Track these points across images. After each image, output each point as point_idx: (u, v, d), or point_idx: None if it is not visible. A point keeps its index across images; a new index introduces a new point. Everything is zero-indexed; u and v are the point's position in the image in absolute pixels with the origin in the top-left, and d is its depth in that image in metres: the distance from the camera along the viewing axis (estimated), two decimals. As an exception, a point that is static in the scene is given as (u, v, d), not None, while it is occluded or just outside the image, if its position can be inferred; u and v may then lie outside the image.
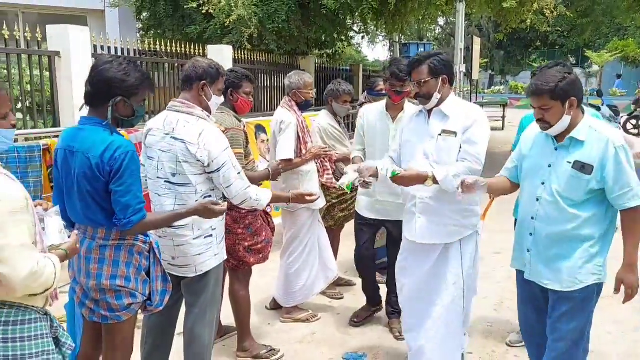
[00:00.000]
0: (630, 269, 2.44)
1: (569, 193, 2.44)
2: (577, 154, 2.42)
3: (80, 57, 5.52)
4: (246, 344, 3.46)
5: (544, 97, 2.39)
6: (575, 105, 2.40)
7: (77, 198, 2.24)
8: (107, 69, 2.20)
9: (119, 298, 2.31)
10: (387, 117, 3.64)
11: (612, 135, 2.40)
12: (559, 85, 2.36)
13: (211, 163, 2.60)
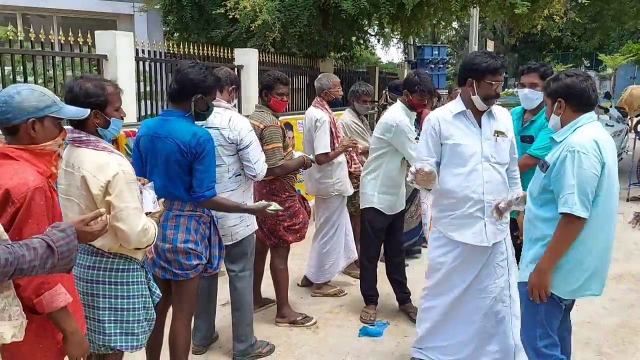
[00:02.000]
0: (536, 272, 2.46)
1: (532, 188, 2.61)
2: (549, 155, 2.55)
3: (125, 60, 6.04)
4: (284, 311, 3.95)
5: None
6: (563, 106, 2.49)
7: (161, 175, 2.74)
8: (190, 72, 2.72)
9: (189, 259, 2.80)
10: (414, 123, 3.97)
11: (574, 139, 2.42)
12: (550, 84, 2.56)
13: (241, 141, 3.14)
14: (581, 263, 2.45)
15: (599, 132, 2.48)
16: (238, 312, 3.40)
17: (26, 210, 1.76)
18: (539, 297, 2.47)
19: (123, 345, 2.35)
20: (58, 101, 1.95)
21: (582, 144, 2.38)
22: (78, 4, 11.69)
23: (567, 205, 2.35)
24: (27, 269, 1.57)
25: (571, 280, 2.47)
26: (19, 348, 1.76)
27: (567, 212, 2.35)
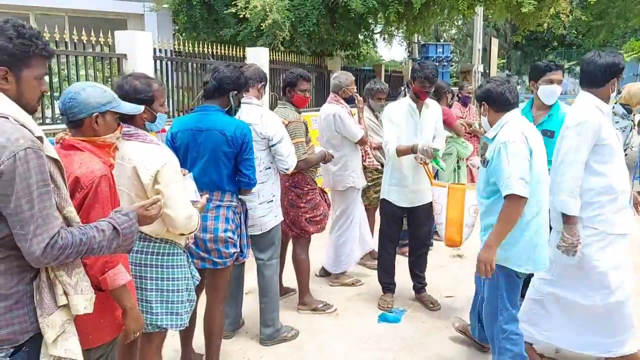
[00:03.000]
0: (485, 249, 2.76)
1: (479, 184, 3.00)
2: (487, 151, 2.93)
3: (144, 59, 6.22)
4: (306, 299, 4.14)
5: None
6: (486, 108, 2.91)
7: (206, 166, 2.92)
8: (226, 71, 2.92)
9: (227, 247, 2.99)
10: (415, 112, 4.04)
11: (503, 134, 2.80)
12: (476, 91, 2.99)
13: (273, 137, 3.34)
14: (532, 239, 2.82)
15: (524, 125, 2.88)
16: (266, 299, 3.59)
17: (93, 196, 1.94)
18: (484, 271, 2.77)
19: (168, 324, 2.54)
20: (117, 98, 2.13)
21: (509, 135, 2.77)
22: (89, 4, 11.87)
23: (508, 187, 2.68)
24: (96, 248, 1.76)
25: (525, 255, 2.83)
26: (85, 322, 1.93)
27: (509, 193, 2.68)
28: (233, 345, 3.62)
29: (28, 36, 1.68)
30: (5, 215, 1.59)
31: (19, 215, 1.58)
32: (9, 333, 1.65)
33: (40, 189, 1.60)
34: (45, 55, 1.75)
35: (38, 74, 1.73)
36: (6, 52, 1.64)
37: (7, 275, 1.64)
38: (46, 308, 1.68)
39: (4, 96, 1.66)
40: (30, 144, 1.59)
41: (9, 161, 1.55)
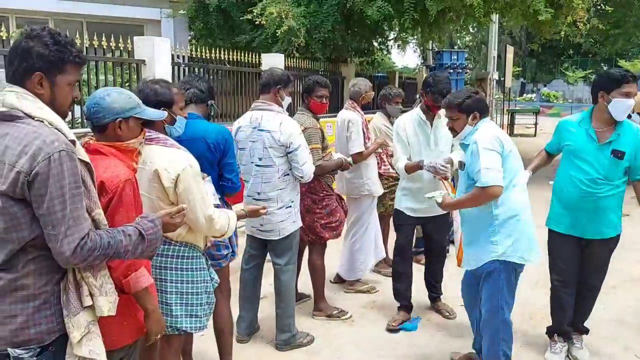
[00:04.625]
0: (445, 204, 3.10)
1: (460, 187, 3.12)
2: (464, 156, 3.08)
3: (162, 65, 6.29)
4: (321, 305, 4.14)
5: (453, 109, 3.03)
6: (478, 117, 3.00)
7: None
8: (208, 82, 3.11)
9: (220, 250, 3.02)
10: (426, 124, 3.88)
11: (476, 135, 2.95)
12: (465, 101, 3.00)
13: (290, 144, 3.35)
14: (523, 231, 2.95)
15: (497, 129, 3.05)
16: (282, 304, 3.60)
17: (118, 200, 1.97)
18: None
19: (188, 326, 2.56)
20: (141, 104, 2.17)
21: (481, 135, 2.93)
22: (107, 10, 12.03)
23: (485, 178, 2.80)
24: (123, 252, 1.79)
25: (521, 246, 2.94)
26: (108, 323, 1.95)
27: (485, 185, 2.80)
28: (249, 349, 3.63)
29: (63, 43, 1.72)
30: (38, 215, 1.62)
31: (51, 215, 1.61)
32: (36, 333, 1.68)
33: (72, 191, 1.64)
34: (79, 62, 1.78)
35: (71, 80, 1.77)
36: (42, 58, 1.68)
37: (36, 276, 1.68)
38: (72, 309, 1.71)
39: (39, 100, 1.69)
40: (64, 147, 1.63)
41: (44, 163, 1.58)
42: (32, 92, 1.69)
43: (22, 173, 1.59)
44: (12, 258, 1.66)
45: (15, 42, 1.72)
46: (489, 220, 2.96)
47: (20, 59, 1.67)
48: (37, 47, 1.67)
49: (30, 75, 1.68)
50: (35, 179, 1.59)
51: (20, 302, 1.67)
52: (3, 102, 1.64)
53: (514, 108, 19.60)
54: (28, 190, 1.60)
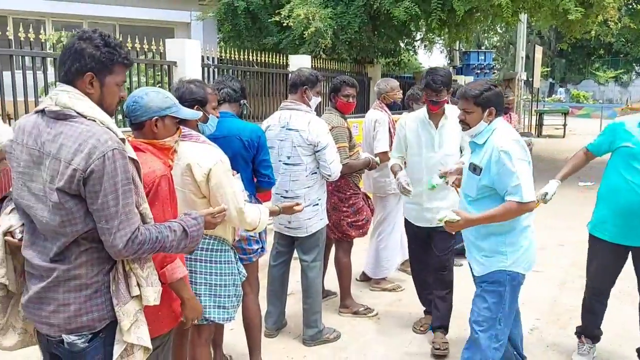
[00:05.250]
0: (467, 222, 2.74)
1: (467, 190, 2.87)
2: (474, 157, 2.80)
3: (192, 66, 6.43)
4: (348, 302, 4.20)
5: (468, 101, 2.75)
6: (493, 114, 2.74)
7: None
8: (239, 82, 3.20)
9: (251, 244, 3.09)
10: (430, 124, 3.59)
11: (499, 141, 2.68)
12: (483, 93, 2.73)
13: (318, 143, 3.42)
14: (532, 241, 2.85)
15: (511, 130, 2.83)
16: (309, 300, 3.67)
17: (154, 195, 2.06)
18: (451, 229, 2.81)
19: (216, 317, 2.65)
20: (177, 103, 2.26)
21: (508, 142, 2.69)
22: (139, 13, 12.30)
23: (519, 195, 2.61)
24: (168, 247, 1.88)
25: (528, 257, 2.83)
26: (145, 313, 2.03)
27: (520, 201, 2.61)
28: (277, 344, 3.71)
29: (113, 45, 1.81)
30: (92, 210, 1.71)
31: (105, 210, 1.70)
32: (88, 320, 1.78)
33: (124, 187, 1.73)
34: (126, 64, 1.87)
35: (119, 81, 1.86)
36: (94, 59, 1.76)
37: (88, 266, 1.77)
38: (122, 298, 1.80)
39: (89, 100, 1.78)
40: (116, 145, 1.72)
41: (99, 161, 1.67)
42: (83, 92, 1.77)
43: (79, 170, 1.67)
44: (65, 250, 1.75)
45: (68, 44, 1.80)
46: (506, 230, 2.77)
47: (73, 59, 1.76)
48: (89, 49, 1.76)
49: (82, 75, 1.76)
50: (91, 176, 1.67)
51: (73, 291, 1.76)
52: (56, 101, 1.73)
53: (542, 109, 19.33)
54: (83, 186, 1.69)
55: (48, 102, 1.75)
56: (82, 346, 1.79)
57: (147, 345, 1.88)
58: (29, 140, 1.75)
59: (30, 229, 1.81)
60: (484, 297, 2.82)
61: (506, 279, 2.78)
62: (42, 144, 1.72)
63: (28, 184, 1.75)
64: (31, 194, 1.75)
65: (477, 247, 2.86)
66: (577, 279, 4.96)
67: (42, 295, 1.79)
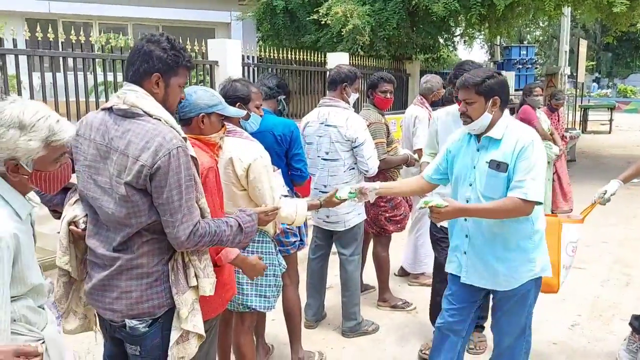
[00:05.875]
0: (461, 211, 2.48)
1: (490, 193, 2.49)
2: (493, 153, 2.49)
3: (233, 65, 6.59)
4: (386, 296, 4.25)
5: (469, 90, 2.48)
6: (497, 104, 2.48)
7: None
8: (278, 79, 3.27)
9: (288, 237, 3.18)
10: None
11: (522, 133, 2.47)
12: (485, 81, 2.46)
13: (356, 139, 3.48)
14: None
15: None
16: (348, 292, 3.75)
17: (203, 186, 2.15)
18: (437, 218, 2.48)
19: (257, 305, 2.76)
20: (224, 102, 2.37)
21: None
22: (181, 14, 12.64)
23: (529, 193, 2.38)
24: (224, 240, 1.99)
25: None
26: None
27: (529, 200, 2.38)
28: (317, 335, 3.80)
29: (178, 49, 1.91)
30: (157, 204, 1.83)
31: (169, 204, 1.81)
32: (149, 307, 1.90)
33: (187, 183, 1.83)
34: (189, 67, 1.98)
35: (181, 82, 1.97)
36: (161, 61, 1.87)
37: (150, 256, 1.89)
38: (181, 287, 1.91)
39: (154, 99, 1.89)
40: (180, 144, 1.83)
41: (165, 157, 1.78)
42: (149, 92, 1.88)
43: (146, 166, 1.78)
44: (128, 240, 1.87)
45: (136, 46, 1.91)
46: (530, 235, 2.54)
47: (142, 60, 1.87)
48: (156, 51, 1.87)
49: (150, 75, 1.88)
50: (157, 172, 1.78)
51: (135, 279, 1.89)
52: (124, 100, 1.85)
53: (587, 104, 18.81)
54: (150, 181, 1.80)
55: (116, 100, 1.87)
56: (142, 330, 1.91)
57: (202, 333, 1.99)
58: (97, 136, 1.87)
59: (94, 219, 1.94)
60: (516, 311, 2.63)
61: (533, 286, 2.62)
62: (110, 140, 1.84)
63: (94, 177, 1.88)
64: (97, 187, 1.87)
65: (501, 260, 2.55)
66: (620, 276, 4.89)
67: (106, 283, 1.92)
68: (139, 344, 1.95)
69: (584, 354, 3.56)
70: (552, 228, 2.98)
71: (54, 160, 1.65)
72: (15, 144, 1.54)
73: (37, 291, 1.74)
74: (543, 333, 3.80)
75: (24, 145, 1.55)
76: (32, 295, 1.73)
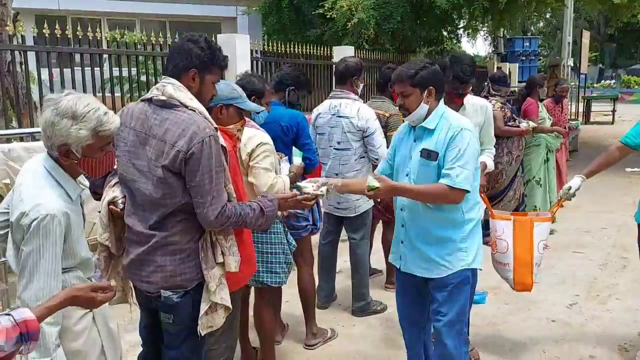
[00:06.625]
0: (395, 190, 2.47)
1: (422, 182, 2.49)
2: (426, 143, 2.49)
3: (242, 60, 6.79)
4: (394, 278, 4.44)
5: (404, 83, 2.48)
6: (433, 94, 2.47)
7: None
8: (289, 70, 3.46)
9: (300, 221, 3.38)
10: None
11: (454, 122, 2.46)
12: (419, 73, 2.46)
13: (367, 129, 3.68)
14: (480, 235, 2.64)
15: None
16: (357, 274, 3.96)
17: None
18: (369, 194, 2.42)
19: (268, 280, 3.00)
20: (244, 96, 2.57)
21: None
22: (188, 9, 12.83)
23: (459, 180, 2.37)
24: (248, 222, 2.17)
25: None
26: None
27: (459, 187, 2.37)
28: (329, 315, 4.02)
29: (214, 49, 2.12)
30: (189, 186, 2.02)
31: (201, 187, 2.01)
32: (182, 280, 2.10)
33: (217, 168, 2.03)
34: (223, 66, 2.18)
35: (215, 80, 2.17)
36: (198, 58, 2.07)
37: (183, 234, 2.10)
38: (209, 263, 2.12)
39: (189, 93, 2.09)
40: (212, 133, 2.02)
41: (199, 145, 1.98)
42: (185, 85, 2.08)
43: (181, 152, 1.98)
44: (163, 219, 2.07)
45: (177, 44, 2.12)
46: (460, 224, 2.53)
47: (181, 57, 2.08)
48: (195, 49, 2.07)
49: (187, 71, 2.08)
50: (191, 157, 1.98)
51: (169, 255, 2.09)
52: (163, 91, 2.06)
53: (591, 95, 18.90)
54: (184, 166, 2.00)
55: (155, 92, 2.08)
56: (175, 300, 2.12)
57: (228, 305, 2.20)
58: (137, 124, 2.08)
59: (132, 200, 2.15)
60: (453, 300, 2.56)
61: (469, 277, 2.58)
62: (149, 128, 2.05)
63: (134, 161, 2.09)
64: (136, 170, 2.08)
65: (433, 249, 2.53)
66: (618, 260, 5.08)
67: (143, 258, 2.12)
68: (172, 313, 2.15)
69: (580, 331, 3.76)
70: (524, 228, 3.10)
71: (100, 148, 1.85)
72: (68, 132, 1.75)
73: (85, 264, 1.96)
74: (543, 311, 4.01)
75: (75, 133, 1.75)
76: (81, 267, 1.94)
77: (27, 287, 1.72)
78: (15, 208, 1.76)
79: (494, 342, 3.62)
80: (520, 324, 3.86)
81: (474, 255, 2.56)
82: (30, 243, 1.71)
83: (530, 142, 5.83)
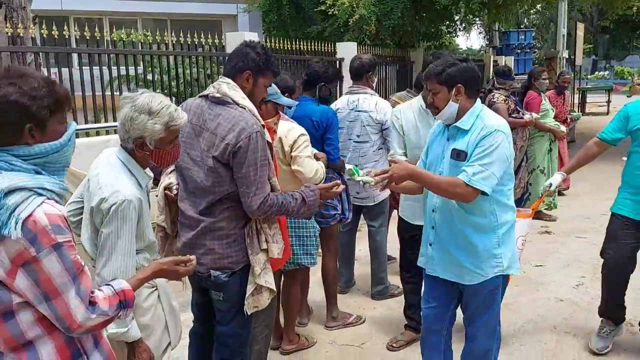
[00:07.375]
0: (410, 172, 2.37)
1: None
2: (458, 143, 2.42)
3: (251, 57, 6.96)
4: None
5: (432, 81, 2.42)
6: (462, 92, 2.38)
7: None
8: (318, 66, 3.61)
9: (328, 210, 3.58)
10: (428, 113, 3.21)
11: (488, 122, 2.37)
12: (446, 70, 2.39)
13: (385, 122, 3.86)
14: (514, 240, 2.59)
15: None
16: (376, 260, 4.19)
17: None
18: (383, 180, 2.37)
19: (305, 261, 3.23)
20: (279, 92, 2.77)
21: (503, 126, 2.38)
22: (188, 7, 12.98)
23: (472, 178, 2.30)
24: (290, 211, 2.37)
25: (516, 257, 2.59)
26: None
27: (478, 188, 2.30)
28: (349, 299, 4.24)
29: (269, 54, 2.32)
30: (236, 177, 2.23)
31: (247, 178, 2.21)
32: (229, 262, 2.31)
33: (262, 161, 2.23)
34: (275, 72, 2.37)
35: (267, 83, 2.37)
36: (254, 62, 2.28)
37: (229, 220, 2.30)
38: (255, 249, 2.32)
39: (243, 93, 2.29)
40: (259, 129, 2.22)
41: (246, 139, 2.18)
42: (240, 86, 2.29)
43: (230, 145, 2.18)
44: (211, 206, 2.28)
45: (236, 48, 2.33)
46: (492, 229, 2.44)
47: (238, 59, 2.29)
48: (252, 54, 2.28)
49: (242, 72, 2.28)
50: (239, 150, 2.18)
51: (217, 239, 2.29)
52: (219, 89, 2.27)
53: (585, 86, 19.17)
54: (232, 158, 2.20)
55: (212, 89, 2.29)
56: (224, 279, 2.33)
57: (273, 288, 2.40)
58: (193, 117, 2.29)
59: (184, 186, 2.36)
60: (485, 309, 2.53)
61: (500, 283, 2.52)
62: (204, 121, 2.25)
63: (188, 151, 2.29)
64: (190, 159, 2.29)
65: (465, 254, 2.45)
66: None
67: (194, 241, 2.33)
68: (221, 291, 2.36)
69: (587, 309, 4.00)
70: None
71: (170, 141, 2.05)
72: (144, 126, 1.94)
73: (151, 247, 2.16)
74: (551, 291, 4.25)
75: (150, 127, 1.95)
76: (148, 250, 2.14)
77: (106, 265, 1.91)
78: (94, 195, 1.95)
79: (507, 320, 3.83)
80: (531, 303, 4.10)
81: (508, 260, 2.48)
82: (109, 225, 1.90)
83: (534, 133, 6.06)
